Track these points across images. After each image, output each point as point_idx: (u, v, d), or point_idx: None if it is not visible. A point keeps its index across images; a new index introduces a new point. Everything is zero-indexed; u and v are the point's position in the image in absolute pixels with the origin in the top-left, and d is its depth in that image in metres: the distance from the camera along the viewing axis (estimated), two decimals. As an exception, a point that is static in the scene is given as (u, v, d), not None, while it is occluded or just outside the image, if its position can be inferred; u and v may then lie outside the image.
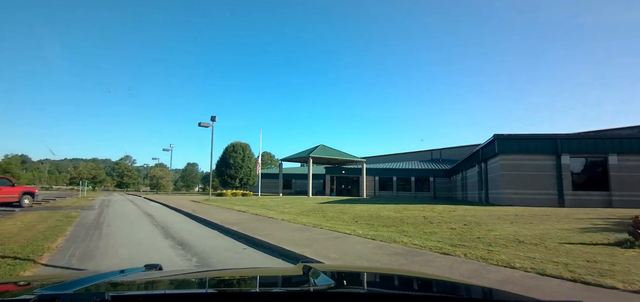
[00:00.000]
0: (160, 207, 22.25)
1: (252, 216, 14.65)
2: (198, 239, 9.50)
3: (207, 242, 9.18)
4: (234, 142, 55.20)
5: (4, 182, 20.08)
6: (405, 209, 18.43)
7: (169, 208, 20.98)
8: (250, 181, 54.35)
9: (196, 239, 9.58)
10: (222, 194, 40.33)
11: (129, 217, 15.50)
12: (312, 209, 18.67)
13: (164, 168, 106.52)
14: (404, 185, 46.83)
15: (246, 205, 21.93)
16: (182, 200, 28.88)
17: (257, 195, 41.35)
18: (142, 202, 28.70)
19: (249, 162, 54.22)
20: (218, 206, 20.88)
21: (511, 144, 22.30)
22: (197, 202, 25.75)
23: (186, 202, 25.90)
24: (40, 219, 13.40)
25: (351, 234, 9.53)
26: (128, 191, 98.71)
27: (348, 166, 49.42)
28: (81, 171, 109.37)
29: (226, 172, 53.08)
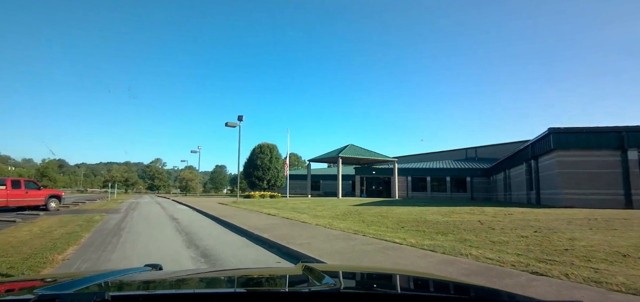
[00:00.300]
0: (187, 210, 21.38)
1: (283, 221, 13.32)
2: (224, 249, 8.22)
3: (234, 252, 7.88)
4: (261, 144, 54.38)
5: (31, 185, 19.73)
6: (452, 212, 16.61)
7: (195, 211, 20.05)
8: (278, 183, 53.35)
9: (222, 248, 8.30)
10: (249, 195, 39.47)
11: (152, 221, 14.53)
12: (347, 212, 17.17)
13: (193, 171, 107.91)
14: (438, 185, 44.45)
15: (275, 208, 20.69)
16: (209, 202, 28.06)
17: (285, 197, 40.24)
18: (170, 204, 28.11)
19: (276, 163, 53.23)
20: (246, 209, 19.74)
21: (569, 139, 19.93)
22: (224, 204, 24.80)
23: (213, 204, 25.01)
24: (60, 224, 12.58)
25: (403, 244, 8.00)
26: (158, 193, 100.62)
27: (379, 166, 47.56)
28: (114, 174, 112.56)
29: (253, 174, 52.32)
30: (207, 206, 22.46)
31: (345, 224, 11.93)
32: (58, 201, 20.59)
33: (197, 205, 23.75)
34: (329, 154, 44.73)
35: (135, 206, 24.65)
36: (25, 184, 19.22)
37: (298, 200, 32.36)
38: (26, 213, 17.10)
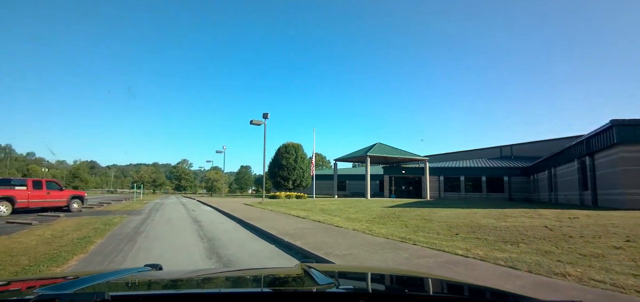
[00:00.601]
0: (211, 211, 20.37)
1: (314, 225, 11.94)
2: (250, 261, 6.91)
3: (262, 265, 6.54)
4: (286, 143, 53.42)
5: (53, 185, 19.19)
6: (504, 215, 14.78)
7: (219, 213, 18.99)
8: (304, 183, 52.19)
9: (248, 260, 6.99)
10: (275, 196, 38.41)
11: (174, 224, 13.47)
12: (383, 214, 15.63)
13: (218, 171, 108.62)
14: (473, 185, 41.98)
15: (303, 209, 19.36)
16: (234, 203, 27.09)
17: (311, 197, 38.93)
18: (194, 205, 27.33)
19: (301, 163, 52.11)
20: (272, 210, 18.51)
21: (636, 132, 17.52)
22: (250, 205, 23.72)
23: (238, 205, 23.97)
24: (76, 226, 11.67)
25: (469, 257, 6.49)
26: (185, 193, 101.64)
27: (408, 165, 45.52)
28: (142, 175, 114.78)
29: (279, 174, 51.40)
30: (232, 207, 21.41)
31: (386, 229, 10.42)
32: (80, 202, 20.01)
33: (221, 206, 22.76)
34: (357, 153, 43.14)
35: (159, 207, 23.93)
36: (47, 185, 18.68)
37: (326, 201, 30.97)
38: (47, 215, 16.46)
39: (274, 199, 35.46)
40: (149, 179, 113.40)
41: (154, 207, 23.54)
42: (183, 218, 15.93)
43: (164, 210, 20.91)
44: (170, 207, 24.44)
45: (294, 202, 27.50)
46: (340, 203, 25.85)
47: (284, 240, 8.70)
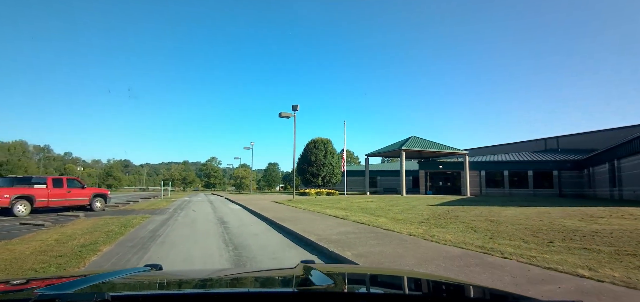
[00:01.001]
0: (239, 210, 18.89)
1: (359, 227, 10.06)
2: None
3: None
4: (315, 138, 51.71)
5: (74, 183, 18.24)
6: (587, 215, 12.43)
7: (248, 212, 17.46)
8: (333, 179, 50.36)
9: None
10: (305, 193, 36.75)
11: (197, 226, 11.93)
12: (436, 215, 13.55)
13: (246, 168, 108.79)
14: (518, 180, 38.74)
15: (339, 207, 17.52)
16: (263, 201, 25.61)
17: (342, 194, 37.03)
18: (222, 203, 26.05)
19: (331, 158, 50.27)
20: (306, 209, 16.77)
21: None
22: (280, 203, 22.12)
23: (268, 203, 22.42)
24: (90, 229, 10.35)
25: (604, 281, 4.45)
26: (214, 190, 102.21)
27: (446, 160, 42.72)
28: (173, 173, 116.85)
29: (308, 170, 49.78)
30: (261, 206, 19.85)
31: (451, 234, 8.39)
32: (103, 201, 18.99)
33: (250, 204, 21.26)
34: (390, 147, 40.86)
35: (185, 205, 22.74)
36: (68, 183, 17.73)
37: (360, 198, 28.97)
38: (66, 215, 15.41)
39: (304, 197, 33.84)
40: (179, 176, 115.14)
41: (180, 206, 22.35)
42: (208, 218, 14.43)
43: (189, 209, 19.61)
44: (197, 205, 23.20)
45: (326, 200, 25.71)
46: (377, 200, 23.82)
47: (327, 249, 6.87)
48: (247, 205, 20.79)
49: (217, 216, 15.33)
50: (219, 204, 24.37)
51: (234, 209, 19.38)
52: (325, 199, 26.82)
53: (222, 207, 20.99)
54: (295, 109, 24.79)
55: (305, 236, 8.56)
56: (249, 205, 20.62)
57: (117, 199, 32.43)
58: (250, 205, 20.56)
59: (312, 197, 30.88)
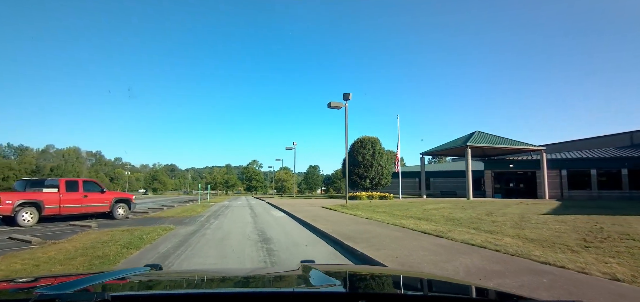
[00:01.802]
0: (285, 219, 15.25)
1: (490, 256, 5.94)
2: None
3: None
4: (361, 137, 47.46)
5: (92, 187, 15.40)
6: None
7: (297, 221, 13.78)
8: (382, 181, 45.79)
9: None
10: (355, 197, 32.68)
11: (228, 247, 8.27)
12: (583, 231, 9.06)
13: (287, 171, 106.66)
14: (609, 181, 32.34)
15: (413, 216, 13.39)
16: (311, 206, 21.90)
17: (397, 197, 32.60)
18: (263, 209, 22.65)
19: (380, 159, 45.76)
20: (371, 219, 12.80)
21: None
22: (332, 209, 18.28)
23: (318, 209, 18.65)
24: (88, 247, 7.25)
25: None
26: (255, 194, 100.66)
27: (516, 158, 36.98)
28: (215, 176, 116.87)
29: (354, 171, 45.57)
30: (311, 213, 16.11)
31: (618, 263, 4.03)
32: (127, 207, 16.03)
33: (297, 211, 17.59)
34: (451, 144, 35.86)
35: (221, 212, 19.48)
36: (84, 186, 14.89)
37: (425, 202, 24.44)
38: (76, 225, 12.47)
39: (354, 200, 29.85)
40: (221, 180, 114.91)
41: (216, 212, 19.10)
42: (245, 232, 10.78)
43: (225, 217, 16.21)
44: (235, 212, 19.85)
45: (385, 205, 21.57)
46: (451, 206, 19.33)
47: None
48: (293, 212, 17.10)
49: (258, 229, 11.68)
50: (260, 211, 20.92)
51: (278, 218, 15.76)
52: (383, 204, 22.64)
53: (263, 215, 17.45)
54: (347, 98, 20.91)
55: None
56: (296, 212, 16.92)
57: (153, 204, 30.17)
58: (298, 212, 16.86)
59: (366, 202, 26.81)
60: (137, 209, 21.77)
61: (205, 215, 17.14)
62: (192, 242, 8.70)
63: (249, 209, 22.58)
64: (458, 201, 27.47)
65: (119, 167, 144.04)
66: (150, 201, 36.15)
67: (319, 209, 18.63)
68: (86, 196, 14.70)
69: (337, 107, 21.16)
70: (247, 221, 14.45)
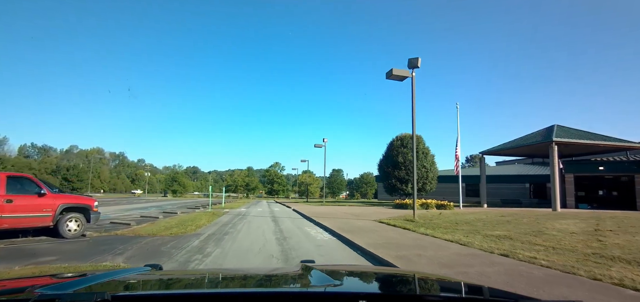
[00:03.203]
0: (334, 245, 8.94)
1: None
2: None
3: None
4: (401, 135, 40.68)
5: (24, 186, 9.50)
6: None
7: (361, 254, 7.41)
8: (427, 186, 38.88)
9: None
10: (403, 205, 26.00)
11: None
12: None
13: (311, 174, 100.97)
14: None
15: (592, 247, 6.74)
16: (359, 219, 15.62)
17: (457, 206, 25.71)
18: (291, 221, 16.55)
19: (424, 159, 38.93)
20: (518, 256, 6.28)
21: None
22: (405, 229, 11.87)
23: (375, 225, 12.31)
24: None
25: None
26: (277, 197, 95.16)
27: (608, 158, 29.39)
28: (236, 179, 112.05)
29: (393, 174, 38.86)
30: (373, 234, 9.80)
31: None
32: (82, 219, 10.12)
33: (345, 228, 11.32)
34: (523, 140, 28.68)
35: (232, 227, 13.38)
36: (9, 185, 9.05)
37: (547, 219, 17.50)
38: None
39: (402, 209, 23.32)
40: (242, 183, 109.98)
41: (224, 228, 13.00)
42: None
43: (234, 240, 10.04)
44: (252, 228, 13.66)
45: (467, 221, 14.93)
46: (583, 223, 12.49)
47: None
48: (343, 232, 10.75)
49: (287, 256, 5.28)
50: (288, 225, 14.70)
51: (322, 244, 9.44)
52: (464, 220, 15.95)
53: (295, 236, 11.15)
54: (414, 66, 14.44)
55: None
56: (348, 232, 10.58)
57: (156, 209, 24.57)
58: (351, 232, 10.51)
59: (425, 212, 20.12)
60: (125, 217, 15.98)
61: (206, 234, 11.04)
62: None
63: (271, 221, 16.34)
64: (546, 212, 20.45)
65: (142, 169, 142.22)
66: (155, 206, 30.59)
67: (379, 227, 12.24)
68: (11, 201, 8.86)
69: (399, 78, 14.69)
70: (270, 250, 8.17)
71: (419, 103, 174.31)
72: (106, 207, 26.63)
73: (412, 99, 14.80)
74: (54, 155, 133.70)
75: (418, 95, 17.69)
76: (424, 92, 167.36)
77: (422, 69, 17.45)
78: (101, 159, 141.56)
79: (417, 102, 14.84)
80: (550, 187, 30.82)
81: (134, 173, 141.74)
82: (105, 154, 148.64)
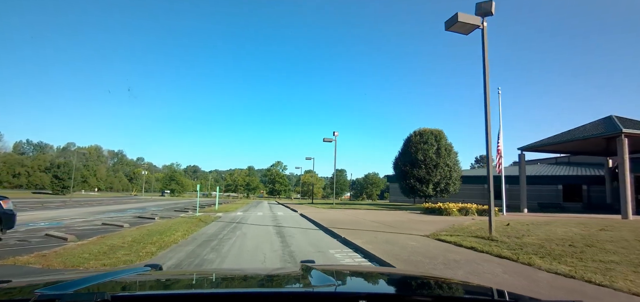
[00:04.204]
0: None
1: None
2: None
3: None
4: (421, 129, 36.17)
5: None
6: None
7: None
8: (451, 187, 34.41)
9: None
10: (433, 209, 21.42)
11: None
12: None
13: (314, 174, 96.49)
14: None
15: None
16: (394, 231, 11.32)
17: (501, 212, 21.10)
18: (300, 230, 12.34)
19: (447, 157, 34.44)
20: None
21: None
22: (488, 253, 7.38)
23: (435, 246, 7.88)
24: None
25: None
26: (278, 198, 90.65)
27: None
28: (236, 178, 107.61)
29: (412, 174, 34.38)
30: (440, 260, 5.28)
31: None
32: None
33: (389, 248, 6.89)
34: (573, 133, 24.06)
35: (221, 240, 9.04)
36: None
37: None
38: None
39: (437, 216, 18.84)
40: (242, 182, 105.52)
41: (206, 246, 8.63)
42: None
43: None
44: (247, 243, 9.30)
45: (539, 234, 10.40)
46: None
47: None
48: (407, 266, 6.28)
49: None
50: (300, 241, 10.25)
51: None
52: (543, 233, 11.38)
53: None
54: (487, 12, 9.96)
55: None
56: (412, 264, 6.13)
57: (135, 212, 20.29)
58: (413, 264, 6.06)
59: (474, 221, 15.58)
60: (77, 226, 11.57)
61: (167, 263, 6.56)
62: None
63: (275, 234, 11.79)
64: (618, 221, 15.90)
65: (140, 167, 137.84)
66: (138, 208, 26.05)
67: (448, 251, 7.80)
68: None
69: (465, 30, 10.21)
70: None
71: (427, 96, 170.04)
72: (75, 210, 22.27)
73: (483, 57, 10.29)
74: (50, 152, 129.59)
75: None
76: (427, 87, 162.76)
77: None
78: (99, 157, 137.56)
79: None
80: (606, 190, 26.22)
81: (132, 171, 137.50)
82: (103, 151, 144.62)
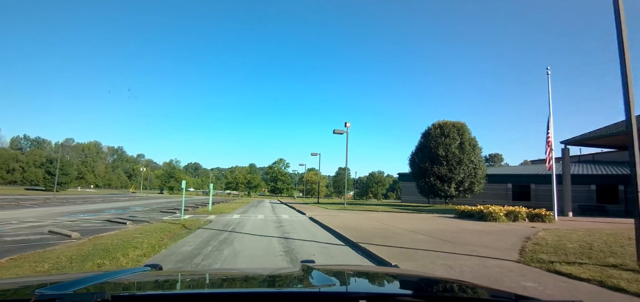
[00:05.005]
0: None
1: None
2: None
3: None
4: (441, 122, 32.49)
5: None
6: None
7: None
8: (475, 187, 30.78)
9: None
10: (475, 213, 17.74)
11: None
12: None
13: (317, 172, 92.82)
14: None
15: None
16: (460, 246, 7.78)
17: (551, 214, 17.45)
18: (316, 244, 8.88)
19: (471, 153, 30.80)
20: None
21: None
22: None
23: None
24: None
25: None
26: (281, 196, 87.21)
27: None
28: (237, 176, 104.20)
29: (431, 171, 30.73)
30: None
31: None
32: None
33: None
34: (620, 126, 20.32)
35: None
36: None
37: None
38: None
39: (468, 219, 15.27)
40: (243, 180, 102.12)
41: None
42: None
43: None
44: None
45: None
46: None
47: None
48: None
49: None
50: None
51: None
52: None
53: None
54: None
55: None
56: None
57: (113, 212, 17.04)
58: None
59: (547, 234, 11.99)
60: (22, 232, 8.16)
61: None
62: None
63: (283, 254, 8.21)
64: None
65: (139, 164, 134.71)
66: (118, 208, 22.57)
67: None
68: None
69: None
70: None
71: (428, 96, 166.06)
72: (45, 209, 19.01)
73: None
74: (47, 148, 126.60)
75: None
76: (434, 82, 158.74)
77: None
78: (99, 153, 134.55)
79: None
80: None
81: (132, 168, 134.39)
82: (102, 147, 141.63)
